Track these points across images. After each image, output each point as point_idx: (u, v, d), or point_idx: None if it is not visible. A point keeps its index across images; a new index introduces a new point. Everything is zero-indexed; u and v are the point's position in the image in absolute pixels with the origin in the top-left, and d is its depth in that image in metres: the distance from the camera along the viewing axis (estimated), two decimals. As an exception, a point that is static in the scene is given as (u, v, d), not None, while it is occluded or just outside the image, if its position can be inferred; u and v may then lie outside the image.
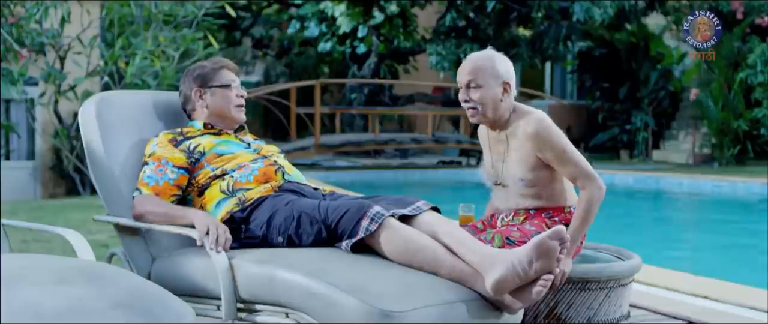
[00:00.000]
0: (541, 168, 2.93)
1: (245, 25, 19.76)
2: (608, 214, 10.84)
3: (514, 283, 2.49)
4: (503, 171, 3.00)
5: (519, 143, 2.92)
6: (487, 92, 2.90)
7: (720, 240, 8.94)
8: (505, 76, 2.91)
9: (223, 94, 3.14)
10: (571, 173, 2.91)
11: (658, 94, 17.48)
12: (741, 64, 15.61)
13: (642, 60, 17.45)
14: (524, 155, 2.92)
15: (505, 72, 2.91)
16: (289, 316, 2.55)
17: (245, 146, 3.11)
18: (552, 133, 2.88)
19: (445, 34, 16.84)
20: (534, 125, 2.88)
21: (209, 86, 3.15)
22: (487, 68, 2.90)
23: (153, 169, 2.96)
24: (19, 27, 10.42)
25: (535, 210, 2.98)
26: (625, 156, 17.52)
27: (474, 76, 2.90)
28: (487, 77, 2.90)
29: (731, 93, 15.68)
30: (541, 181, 2.95)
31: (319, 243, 2.71)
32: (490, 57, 2.93)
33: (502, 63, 2.93)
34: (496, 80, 2.90)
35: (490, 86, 2.90)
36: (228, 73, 3.19)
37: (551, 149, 2.88)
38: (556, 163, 2.90)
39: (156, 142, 3.04)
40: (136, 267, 2.99)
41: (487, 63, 2.91)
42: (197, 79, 3.17)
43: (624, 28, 17.63)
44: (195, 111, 3.19)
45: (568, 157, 2.88)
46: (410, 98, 18.55)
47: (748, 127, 15.56)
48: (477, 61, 2.93)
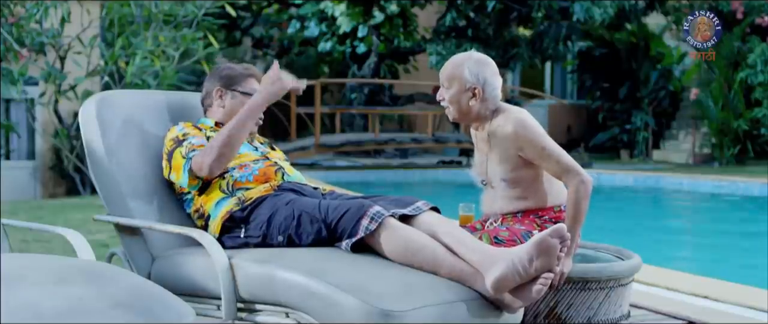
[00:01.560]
0: (522, 167, 2.96)
1: (245, 25, 19.75)
2: (608, 214, 10.85)
3: (514, 281, 2.49)
4: (488, 170, 3.05)
5: (499, 142, 2.97)
6: (454, 95, 3.00)
7: (720, 240, 8.94)
8: (473, 82, 2.97)
9: (242, 102, 3.14)
10: (553, 169, 2.94)
11: (658, 93, 17.48)
12: (741, 64, 15.62)
13: (642, 60, 17.46)
14: (505, 154, 2.96)
15: (474, 77, 2.97)
16: (289, 315, 2.55)
17: (253, 149, 3.12)
18: (530, 131, 2.92)
19: (446, 33, 16.84)
20: (512, 124, 2.93)
21: (232, 89, 3.17)
22: (456, 74, 2.99)
23: (197, 137, 2.98)
24: (19, 27, 10.42)
25: (523, 213, 2.99)
26: (626, 156, 17.52)
27: (444, 79, 3.03)
28: (454, 81, 3.00)
29: (731, 93, 15.68)
30: (524, 180, 2.98)
31: (319, 242, 2.71)
32: (461, 63, 3.00)
33: (474, 68, 2.99)
34: (464, 85, 2.98)
35: (458, 90, 2.99)
36: (254, 83, 3.20)
37: (531, 147, 2.92)
38: (538, 160, 2.94)
39: (181, 125, 3.06)
40: (136, 267, 2.99)
41: (458, 69, 3.00)
42: (223, 79, 3.19)
43: (624, 28, 17.64)
44: (211, 108, 3.21)
45: (548, 153, 2.91)
46: (410, 98, 18.55)
47: (748, 126, 15.56)
48: (449, 65, 3.03)
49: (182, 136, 3.00)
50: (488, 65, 3.01)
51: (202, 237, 2.72)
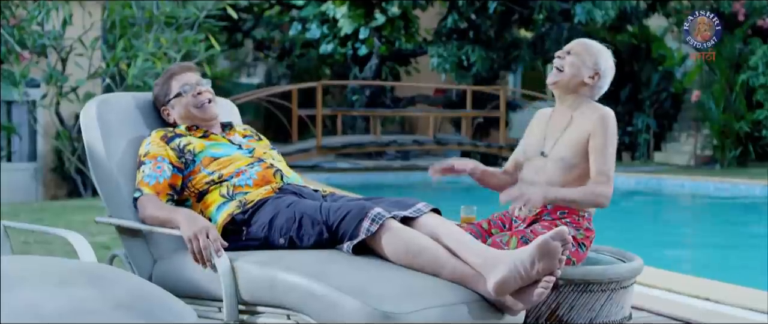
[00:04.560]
0: (583, 159, 3.00)
1: (247, 27, 19.75)
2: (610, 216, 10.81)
3: (516, 283, 2.49)
4: (555, 144, 3.07)
5: (580, 123, 3.04)
6: (576, 67, 3.07)
7: (721, 242, 8.93)
8: (599, 68, 3.08)
9: (179, 103, 3.16)
10: (598, 167, 2.98)
11: (660, 95, 17.47)
12: (742, 66, 15.60)
13: (643, 62, 17.45)
14: (578, 136, 3.02)
15: (600, 65, 3.08)
16: (290, 317, 2.55)
17: (237, 147, 3.10)
18: (610, 127, 3.01)
19: (447, 35, 16.84)
20: (601, 112, 3.02)
21: (167, 101, 3.18)
22: (588, 52, 3.09)
23: (151, 167, 2.96)
24: (20, 29, 10.42)
25: (564, 212, 3.00)
26: (627, 157, 17.51)
27: (574, 50, 3.11)
28: (584, 56, 3.08)
29: (733, 95, 15.67)
30: (576, 172, 3.00)
31: (321, 244, 2.71)
32: (598, 50, 3.11)
33: (603, 58, 3.10)
34: (590, 65, 3.08)
35: (583, 64, 3.07)
36: (176, 79, 3.19)
37: (601, 137, 2.98)
38: (594, 152, 2.98)
39: (149, 140, 3.05)
40: (138, 268, 2.99)
41: (592, 49, 3.10)
42: (156, 99, 3.23)
43: (625, 30, 17.63)
44: (175, 122, 3.21)
45: (607, 152, 2.99)
46: (412, 100, 18.55)
47: (749, 128, 15.54)
48: (587, 44, 3.13)
49: (143, 157, 3.01)
50: (613, 68, 3.15)
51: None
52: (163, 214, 2.85)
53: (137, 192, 2.95)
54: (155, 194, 2.92)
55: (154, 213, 2.87)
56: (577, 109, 3.09)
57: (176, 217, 2.81)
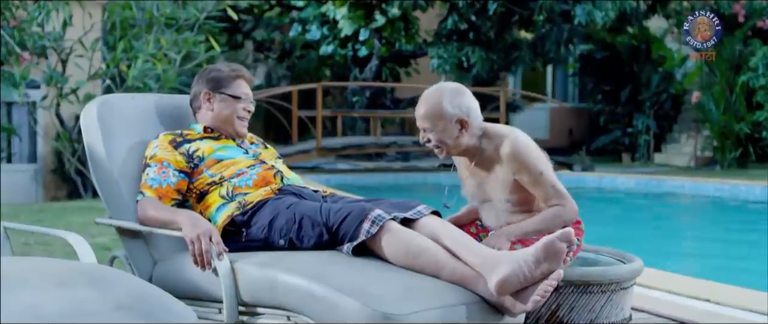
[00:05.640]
0: (522, 189, 2.90)
1: (247, 28, 19.75)
2: (610, 217, 10.83)
3: (518, 283, 2.48)
4: (488, 192, 2.97)
5: (496, 166, 2.90)
6: (443, 134, 2.87)
7: (721, 243, 8.93)
8: (457, 113, 2.85)
9: (230, 105, 3.11)
10: (545, 195, 2.87)
11: (660, 96, 17.48)
12: (743, 67, 15.61)
13: (643, 63, 17.46)
14: (503, 177, 2.89)
15: (456, 108, 2.85)
16: (290, 318, 2.55)
17: (244, 152, 3.10)
18: (528, 154, 2.85)
19: (447, 37, 16.84)
20: (509, 147, 2.84)
21: (219, 92, 3.12)
22: (436, 113, 2.85)
23: (156, 171, 2.96)
24: (20, 30, 10.43)
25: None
26: (627, 159, 17.51)
27: (425, 123, 2.89)
28: (436, 121, 2.86)
29: (733, 96, 15.68)
30: (528, 199, 2.92)
31: (321, 246, 2.71)
32: (438, 99, 2.85)
33: (452, 99, 2.85)
34: (449, 120, 2.85)
35: (444, 128, 2.86)
36: (242, 84, 3.15)
37: (527, 172, 2.84)
38: (531, 186, 2.86)
39: (156, 143, 3.03)
40: (138, 270, 2.99)
41: (436, 108, 2.85)
42: (210, 81, 3.13)
43: (625, 31, 17.64)
44: (199, 111, 3.17)
45: (545, 179, 2.85)
46: (412, 101, 18.51)
47: (749, 130, 15.55)
48: (426, 104, 2.88)
49: (149, 160, 3.00)
50: (464, 92, 2.88)
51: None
52: (165, 215, 2.85)
53: (139, 194, 2.95)
54: (157, 198, 2.92)
55: (154, 215, 2.86)
56: (483, 153, 2.92)
57: (178, 218, 2.80)
